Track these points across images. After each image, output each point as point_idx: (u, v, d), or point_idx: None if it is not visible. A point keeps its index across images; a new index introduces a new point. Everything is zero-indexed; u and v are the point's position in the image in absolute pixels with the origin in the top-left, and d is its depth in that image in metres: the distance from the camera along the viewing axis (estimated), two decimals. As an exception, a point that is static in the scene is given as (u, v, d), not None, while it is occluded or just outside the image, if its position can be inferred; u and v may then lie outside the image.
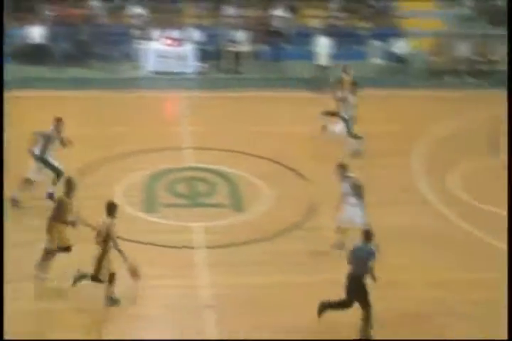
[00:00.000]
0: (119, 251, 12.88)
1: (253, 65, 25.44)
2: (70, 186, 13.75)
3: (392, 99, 22.86)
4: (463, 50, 25.62)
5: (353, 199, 14.56)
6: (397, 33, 25.81)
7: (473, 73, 25.30)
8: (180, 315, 12.95)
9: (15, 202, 16.07)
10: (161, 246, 14.49)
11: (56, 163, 16.35)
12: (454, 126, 21.48)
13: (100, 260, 13.02)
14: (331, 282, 13.47)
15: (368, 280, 12.74)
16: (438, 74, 25.23)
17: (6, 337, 11.76)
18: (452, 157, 19.42)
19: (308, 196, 17.19)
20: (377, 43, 25.53)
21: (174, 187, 17.11)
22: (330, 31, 24.72)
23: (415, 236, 15.61)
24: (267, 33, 25.87)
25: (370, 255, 12.87)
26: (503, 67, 24.97)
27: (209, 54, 25.17)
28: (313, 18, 26.47)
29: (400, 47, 25.20)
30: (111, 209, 13.13)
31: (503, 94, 22.82)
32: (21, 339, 12.38)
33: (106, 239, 12.89)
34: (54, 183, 16.27)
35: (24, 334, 12.20)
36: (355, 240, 12.94)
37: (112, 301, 13.08)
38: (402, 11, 26.91)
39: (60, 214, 13.54)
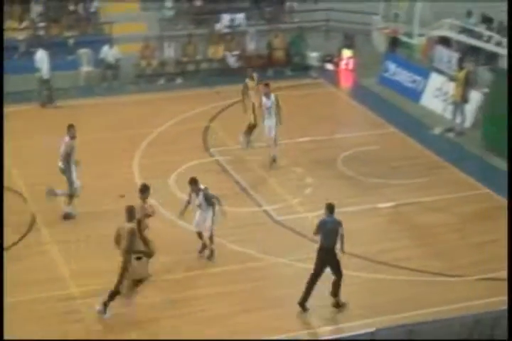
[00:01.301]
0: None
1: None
2: (132, 213, 13.88)
3: (106, 106, 23.05)
4: (170, 51, 26.08)
5: (204, 208, 15.64)
6: (105, 39, 25.74)
7: (181, 74, 25.83)
8: None
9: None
10: None
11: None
12: (169, 127, 22.10)
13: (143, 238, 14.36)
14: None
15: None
16: (148, 77, 25.63)
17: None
18: (174, 158, 19.95)
19: (27, 214, 17.22)
20: (85, 51, 25.35)
21: None
22: (37, 42, 24.27)
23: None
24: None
25: (337, 226, 13.85)
26: (207, 66, 26.14)
27: None
28: (14, 31, 25.46)
29: (109, 53, 25.15)
30: (144, 190, 14.78)
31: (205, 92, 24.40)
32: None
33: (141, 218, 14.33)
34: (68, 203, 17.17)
35: None
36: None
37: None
38: (106, 16, 26.85)
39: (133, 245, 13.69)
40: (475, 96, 22.06)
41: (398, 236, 16.74)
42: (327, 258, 14.09)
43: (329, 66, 27.26)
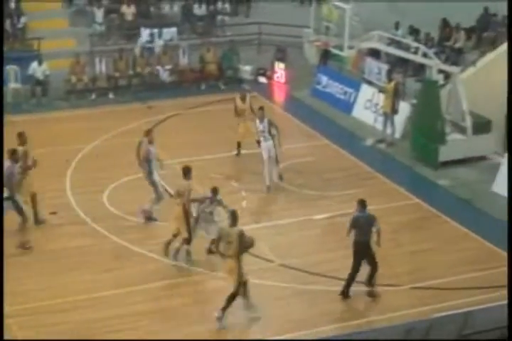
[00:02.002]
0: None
1: None
2: (236, 217, 14.29)
3: (36, 123, 22.76)
4: (101, 67, 25.86)
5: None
6: (33, 55, 25.35)
7: (113, 89, 25.64)
8: None
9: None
10: None
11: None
12: (102, 142, 21.94)
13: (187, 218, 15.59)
14: None
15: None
16: (79, 93, 25.34)
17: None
18: (107, 174, 19.85)
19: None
20: (13, 67, 24.91)
21: None
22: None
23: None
24: None
25: (371, 220, 14.50)
26: (139, 81, 26.02)
27: None
28: None
29: (38, 69, 24.72)
30: (187, 172, 15.65)
31: (137, 107, 24.27)
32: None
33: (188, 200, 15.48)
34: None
35: None
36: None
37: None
38: (34, 32, 26.56)
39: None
40: (404, 108, 22.41)
41: (334, 247, 16.81)
42: (363, 251, 14.72)
43: (262, 79, 27.41)
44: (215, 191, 16.13)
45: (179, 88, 26.13)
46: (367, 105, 24.08)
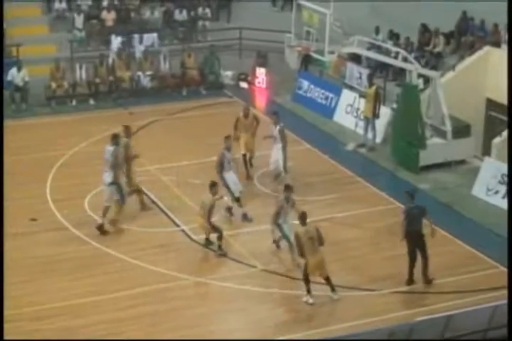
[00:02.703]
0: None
1: None
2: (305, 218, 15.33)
3: (16, 129, 22.66)
4: (82, 73, 25.79)
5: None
6: (12, 62, 25.24)
7: (94, 95, 25.57)
8: None
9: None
10: None
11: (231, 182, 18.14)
12: (82, 148, 21.83)
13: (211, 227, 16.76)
14: None
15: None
16: (60, 99, 25.23)
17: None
18: (88, 180, 19.60)
19: None
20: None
21: None
22: None
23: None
24: None
25: (422, 211, 15.15)
26: (120, 86, 25.94)
27: None
28: None
29: (17, 75, 24.58)
30: (211, 186, 16.62)
31: (118, 113, 24.21)
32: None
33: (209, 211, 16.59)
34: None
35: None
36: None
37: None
38: (14, 38, 26.47)
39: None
40: (384, 112, 22.48)
41: (315, 252, 16.89)
42: (416, 240, 15.26)
43: (243, 84, 27.44)
44: (288, 188, 16.77)
45: (160, 94, 26.11)
46: (348, 110, 24.17)
